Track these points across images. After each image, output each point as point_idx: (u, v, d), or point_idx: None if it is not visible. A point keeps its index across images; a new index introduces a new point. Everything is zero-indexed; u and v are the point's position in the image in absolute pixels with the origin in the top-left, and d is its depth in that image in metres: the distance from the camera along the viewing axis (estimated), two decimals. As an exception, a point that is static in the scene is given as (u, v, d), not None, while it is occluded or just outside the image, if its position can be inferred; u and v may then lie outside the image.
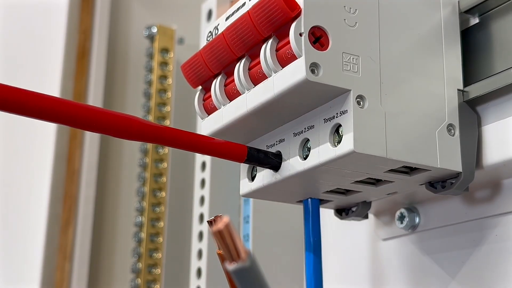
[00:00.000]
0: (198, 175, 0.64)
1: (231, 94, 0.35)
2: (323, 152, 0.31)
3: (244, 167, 0.37)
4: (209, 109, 0.37)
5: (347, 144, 0.30)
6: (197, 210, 0.64)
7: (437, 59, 0.34)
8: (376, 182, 0.35)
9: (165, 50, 0.79)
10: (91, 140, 0.79)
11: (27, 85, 0.27)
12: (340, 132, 0.31)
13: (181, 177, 0.78)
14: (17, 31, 0.95)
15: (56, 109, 0.28)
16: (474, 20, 0.36)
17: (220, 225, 0.24)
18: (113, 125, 0.29)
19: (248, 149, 0.33)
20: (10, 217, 0.88)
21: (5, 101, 0.26)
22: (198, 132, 0.34)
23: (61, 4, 0.83)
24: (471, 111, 0.34)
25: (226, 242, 0.24)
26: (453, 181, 0.33)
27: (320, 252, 0.35)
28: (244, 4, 0.34)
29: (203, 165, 0.64)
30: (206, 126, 0.37)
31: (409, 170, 0.33)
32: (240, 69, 0.34)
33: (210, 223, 0.27)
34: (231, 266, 0.24)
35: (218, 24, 0.37)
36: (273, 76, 0.32)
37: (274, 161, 0.34)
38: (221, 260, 0.27)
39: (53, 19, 0.86)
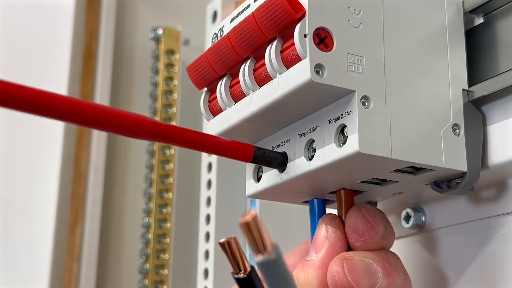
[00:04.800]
0: (205, 176, 0.64)
1: (237, 95, 0.35)
2: (328, 153, 0.32)
3: (250, 168, 0.37)
4: (215, 111, 0.37)
5: (352, 144, 0.30)
6: (203, 211, 0.64)
7: (442, 59, 0.34)
8: (381, 182, 0.35)
9: (170, 52, 0.79)
10: (98, 141, 0.79)
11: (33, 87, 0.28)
12: (345, 133, 0.31)
13: (188, 178, 0.78)
14: (23, 33, 0.96)
15: (65, 107, 0.28)
16: (479, 20, 0.36)
17: (247, 217, 0.24)
18: (121, 123, 0.29)
19: (255, 149, 0.33)
20: (18, 218, 0.89)
21: (14, 99, 0.26)
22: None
23: (67, 6, 0.83)
24: (476, 111, 0.34)
25: (253, 234, 0.24)
26: (459, 181, 0.33)
27: (326, 252, 0.35)
28: (248, 5, 0.34)
29: (210, 166, 0.64)
30: (212, 127, 0.37)
31: (415, 170, 0.33)
32: (245, 70, 0.34)
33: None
34: (257, 258, 0.24)
35: (223, 26, 0.37)
36: (278, 77, 0.32)
37: (281, 160, 0.34)
38: (224, 250, 0.27)
39: (59, 21, 0.86)
